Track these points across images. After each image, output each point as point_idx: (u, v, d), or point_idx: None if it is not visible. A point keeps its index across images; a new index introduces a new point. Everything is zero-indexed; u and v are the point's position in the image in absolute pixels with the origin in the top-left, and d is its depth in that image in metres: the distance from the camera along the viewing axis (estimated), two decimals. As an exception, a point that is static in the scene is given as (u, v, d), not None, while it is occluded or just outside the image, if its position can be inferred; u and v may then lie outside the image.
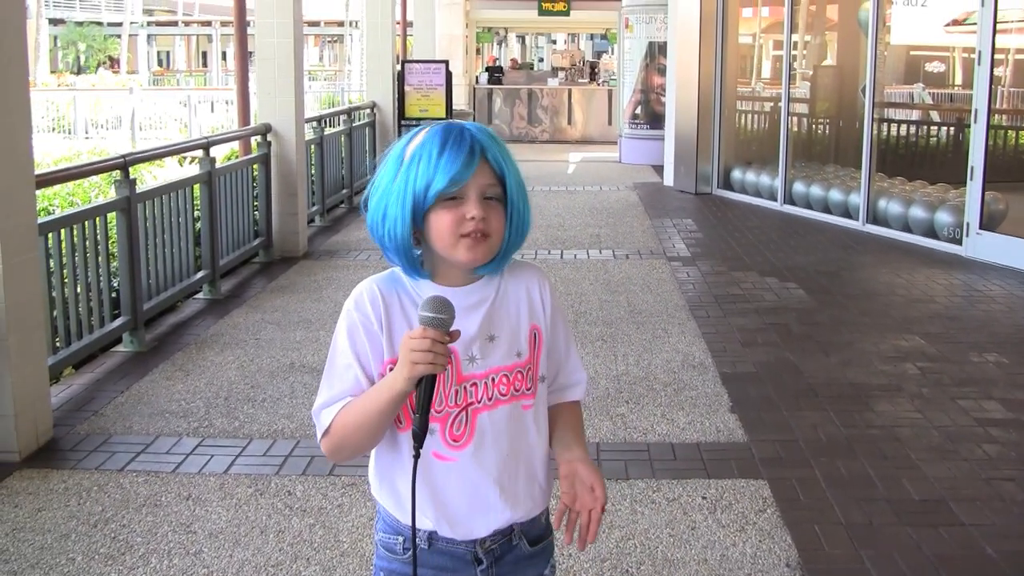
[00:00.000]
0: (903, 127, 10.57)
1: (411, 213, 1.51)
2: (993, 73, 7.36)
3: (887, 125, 10.06)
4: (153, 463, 3.77)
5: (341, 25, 40.22)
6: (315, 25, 40.90)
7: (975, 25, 7.52)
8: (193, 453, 3.86)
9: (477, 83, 19.79)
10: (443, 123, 1.54)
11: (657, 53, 13.95)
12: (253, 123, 8.00)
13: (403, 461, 1.55)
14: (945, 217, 7.89)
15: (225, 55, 42.11)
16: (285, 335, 5.46)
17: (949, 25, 9.48)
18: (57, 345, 4.58)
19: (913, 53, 10.99)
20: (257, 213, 7.49)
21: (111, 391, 4.57)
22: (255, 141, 7.69)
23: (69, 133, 20.51)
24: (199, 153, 6.52)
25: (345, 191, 10.11)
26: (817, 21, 11.72)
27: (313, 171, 8.90)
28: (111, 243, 5.32)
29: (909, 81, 11.02)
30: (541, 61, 36.36)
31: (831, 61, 11.78)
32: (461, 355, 1.55)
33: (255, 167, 7.48)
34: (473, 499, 1.58)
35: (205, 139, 6.77)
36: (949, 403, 4.41)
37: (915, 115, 10.93)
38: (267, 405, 4.39)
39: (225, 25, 38.68)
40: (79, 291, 4.78)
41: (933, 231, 8.00)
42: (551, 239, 8.21)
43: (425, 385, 1.46)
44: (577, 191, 11.35)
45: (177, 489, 3.54)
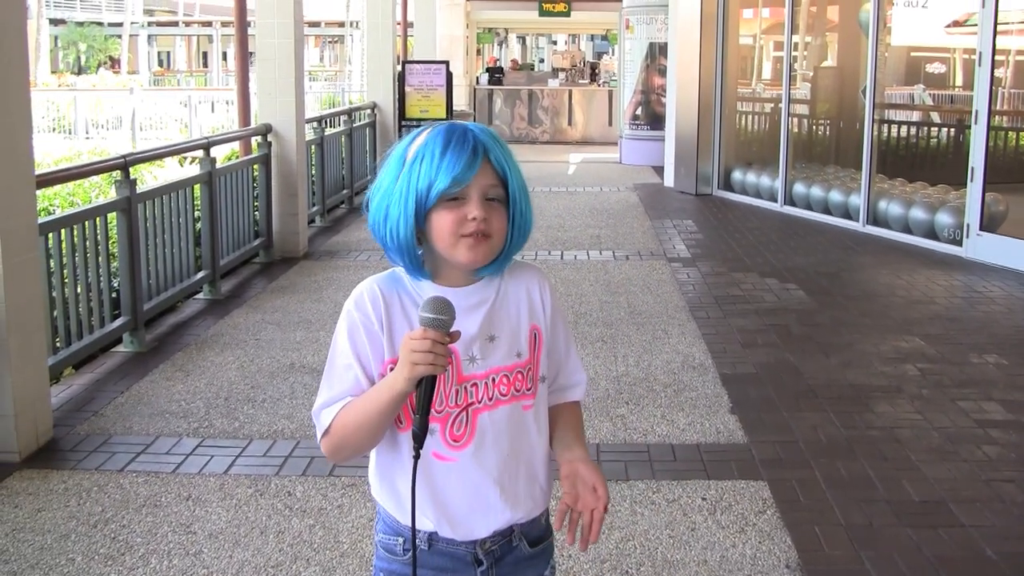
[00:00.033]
0: (903, 128, 10.57)
1: (413, 213, 1.51)
2: (993, 74, 7.36)
3: (887, 126, 10.06)
4: (153, 463, 3.77)
5: (342, 26, 40.21)
6: (316, 25, 40.91)
7: (975, 26, 7.52)
8: (193, 453, 3.86)
9: (478, 84, 19.79)
10: (446, 123, 1.54)
11: (658, 54, 13.95)
12: (253, 123, 8.01)
13: (403, 461, 1.55)
14: (945, 218, 7.89)
15: (226, 55, 42.12)
16: (285, 335, 5.46)
17: (950, 26, 9.48)
18: (57, 345, 4.58)
19: (914, 54, 10.99)
20: (257, 213, 7.50)
21: (111, 391, 4.57)
22: (255, 141, 7.70)
23: (69, 133, 20.51)
24: (199, 153, 6.53)
25: (345, 191, 10.11)
26: (818, 22, 11.72)
27: (313, 171, 8.90)
28: (111, 243, 5.33)
29: (910, 82, 11.02)
30: (542, 62, 36.34)
31: (832, 62, 11.78)
32: (462, 355, 1.55)
33: (255, 167, 7.48)
34: (473, 499, 1.58)
35: (205, 139, 6.77)
36: (949, 404, 4.41)
37: (915, 116, 10.93)
38: (267, 406, 4.39)
39: (226, 25, 38.68)
40: (79, 291, 4.78)
41: (933, 232, 8.00)
42: (551, 240, 8.21)
43: (425, 386, 1.46)
44: (577, 192, 11.35)
45: (177, 489, 3.54)
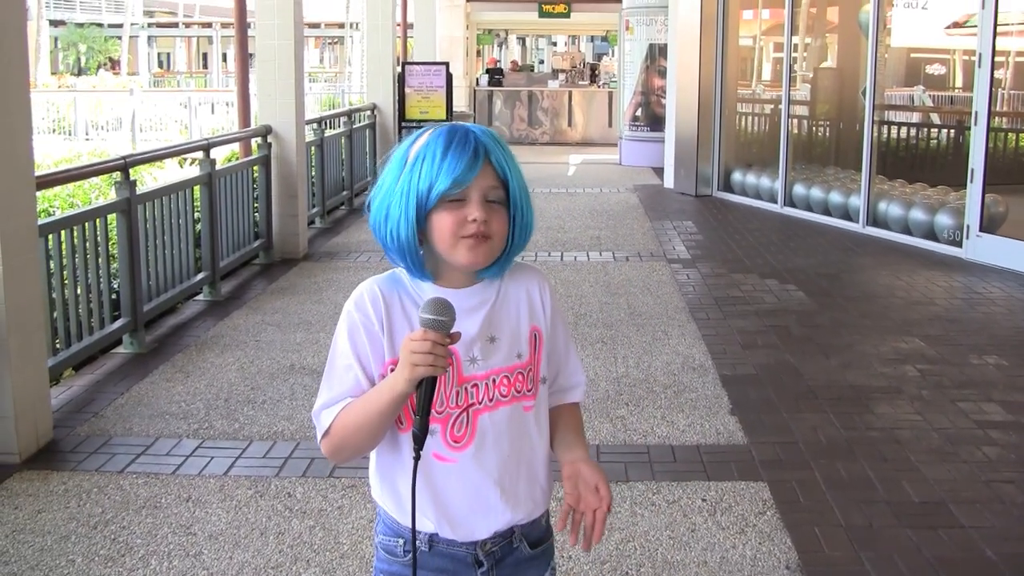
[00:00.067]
0: (903, 129, 10.57)
1: (414, 214, 1.51)
2: (993, 75, 7.36)
3: (887, 127, 10.06)
4: (153, 465, 3.77)
5: (341, 27, 40.23)
6: (316, 27, 40.93)
7: (975, 27, 7.52)
8: (193, 455, 3.86)
9: (477, 85, 19.80)
10: (448, 125, 1.54)
11: (657, 55, 13.96)
12: (253, 125, 8.01)
13: (404, 462, 1.55)
14: (945, 219, 7.90)
15: (226, 57, 42.14)
16: (285, 337, 5.46)
17: (949, 27, 9.49)
18: (57, 347, 4.58)
19: (913, 55, 11.00)
20: (257, 215, 7.49)
21: (111, 393, 4.57)
22: (255, 143, 7.70)
23: (69, 134, 20.52)
24: (199, 155, 6.53)
25: (345, 193, 10.11)
26: (817, 23, 11.72)
27: (313, 173, 8.90)
28: (111, 245, 5.33)
29: (909, 83, 11.03)
30: (541, 63, 36.35)
31: (831, 63, 11.78)
32: (462, 356, 1.55)
33: (255, 169, 7.48)
34: (474, 500, 1.57)
35: (205, 141, 6.77)
36: (949, 405, 4.41)
37: (915, 117, 10.94)
38: (267, 407, 4.39)
39: (226, 27, 38.70)
40: (79, 292, 4.78)
41: (933, 233, 8.00)
42: (551, 241, 8.21)
43: (426, 387, 1.46)
44: (577, 193, 11.35)
45: (177, 491, 3.54)
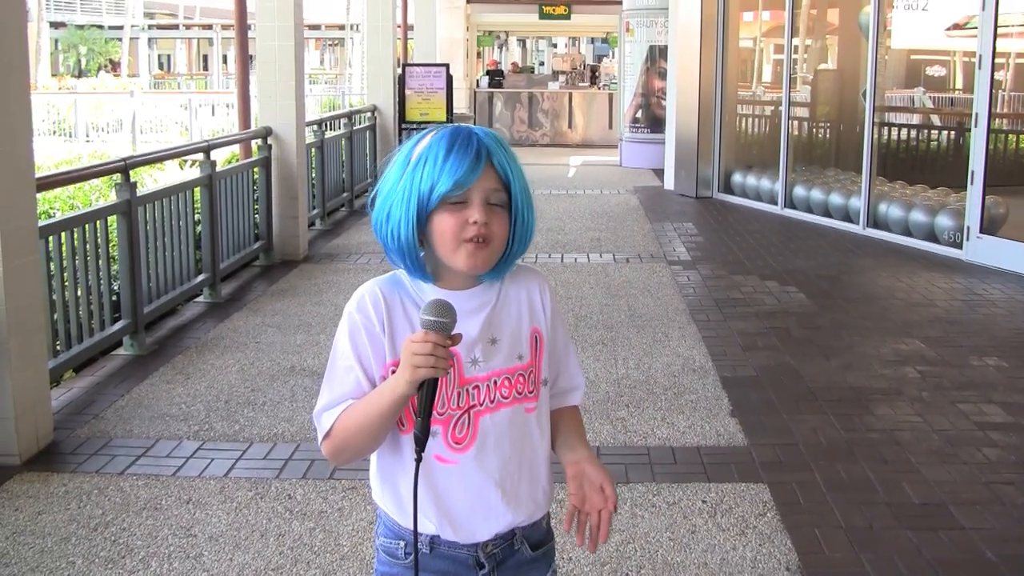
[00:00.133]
0: (904, 131, 10.58)
1: (415, 215, 1.51)
2: (994, 77, 7.37)
3: (888, 129, 10.07)
4: (153, 466, 3.77)
5: (342, 28, 40.19)
6: (316, 28, 40.92)
7: (976, 29, 7.53)
8: (193, 456, 3.86)
9: (478, 87, 19.80)
10: (451, 126, 1.54)
11: (658, 57, 13.96)
12: (254, 126, 8.01)
13: (405, 464, 1.55)
14: (945, 221, 7.90)
15: (226, 58, 42.14)
16: (285, 338, 5.46)
17: (950, 29, 9.49)
18: (57, 348, 4.58)
19: (914, 57, 11.01)
20: (257, 216, 7.50)
21: (111, 394, 4.57)
22: (256, 144, 7.71)
23: (70, 136, 20.53)
24: (200, 156, 6.53)
25: (346, 194, 10.11)
26: (818, 25, 11.73)
27: (314, 174, 8.90)
28: (111, 246, 5.33)
29: (910, 85, 11.04)
30: (542, 65, 36.36)
31: (832, 65, 11.79)
32: (464, 358, 1.55)
33: (256, 170, 7.49)
34: (475, 502, 1.57)
35: (206, 142, 6.77)
36: (949, 407, 4.41)
37: (916, 119, 10.95)
38: (267, 409, 4.39)
39: (226, 28, 38.71)
40: (79, 294, 4.78)
41: (934, 235, 8.00)
42: (551, 243, 8.21)
43: (427, 388, 1.46)
44: (577, 195, 11.35)
45: (177, 492, 3.54)
